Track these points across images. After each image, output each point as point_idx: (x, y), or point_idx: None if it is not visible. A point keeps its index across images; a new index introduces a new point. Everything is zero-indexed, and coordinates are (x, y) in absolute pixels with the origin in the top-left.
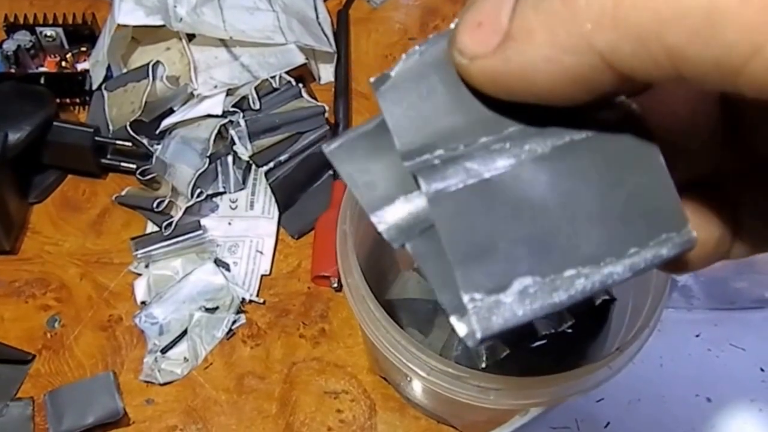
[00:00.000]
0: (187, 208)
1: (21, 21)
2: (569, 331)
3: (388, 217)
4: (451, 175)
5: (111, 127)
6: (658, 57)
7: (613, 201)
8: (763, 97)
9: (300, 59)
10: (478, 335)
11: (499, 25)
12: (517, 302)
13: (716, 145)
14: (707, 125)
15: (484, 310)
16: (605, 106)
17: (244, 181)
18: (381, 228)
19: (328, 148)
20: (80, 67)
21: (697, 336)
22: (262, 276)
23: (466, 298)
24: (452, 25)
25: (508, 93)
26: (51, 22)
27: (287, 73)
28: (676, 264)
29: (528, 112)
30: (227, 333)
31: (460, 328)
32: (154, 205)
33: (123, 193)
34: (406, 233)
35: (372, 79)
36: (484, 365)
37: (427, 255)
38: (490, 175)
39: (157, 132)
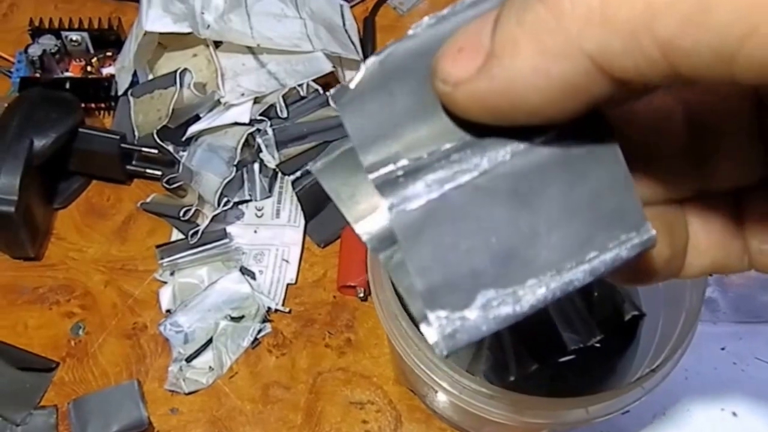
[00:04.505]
0: (213, 217)
1: (46, 25)
2: (598, 345)
3: (369, 228)
4: (412, 192)
5: (137, 134)
6: (650, 52)
7: (573, 204)
8: (760, 82)
9: (327, 67)
10: (444, 352)
11: (480, 45)
12: (480, 317)
13: (683, 164)
14: (672, 144)
15: (449, 329)
16: None
17: (271, 190)
18: (365, 239)
19: (314, 167)
20: (106, 72)
21: (723, 349)
22: (288, 285)
23: (432, 317)
24: (410, 32)
25: (496, 114)
26: (76, 26)
27: (314, 81)
28: (629, 276)
29: None
30: (252, 342)
31: (430, 339)
32: (181, 214)
33: (148, 199)
34: (386, 242)
35: (330, 92)
36: (512, 378)
37: (396, 266)
38: (451, 188)
39: (183, 139)
